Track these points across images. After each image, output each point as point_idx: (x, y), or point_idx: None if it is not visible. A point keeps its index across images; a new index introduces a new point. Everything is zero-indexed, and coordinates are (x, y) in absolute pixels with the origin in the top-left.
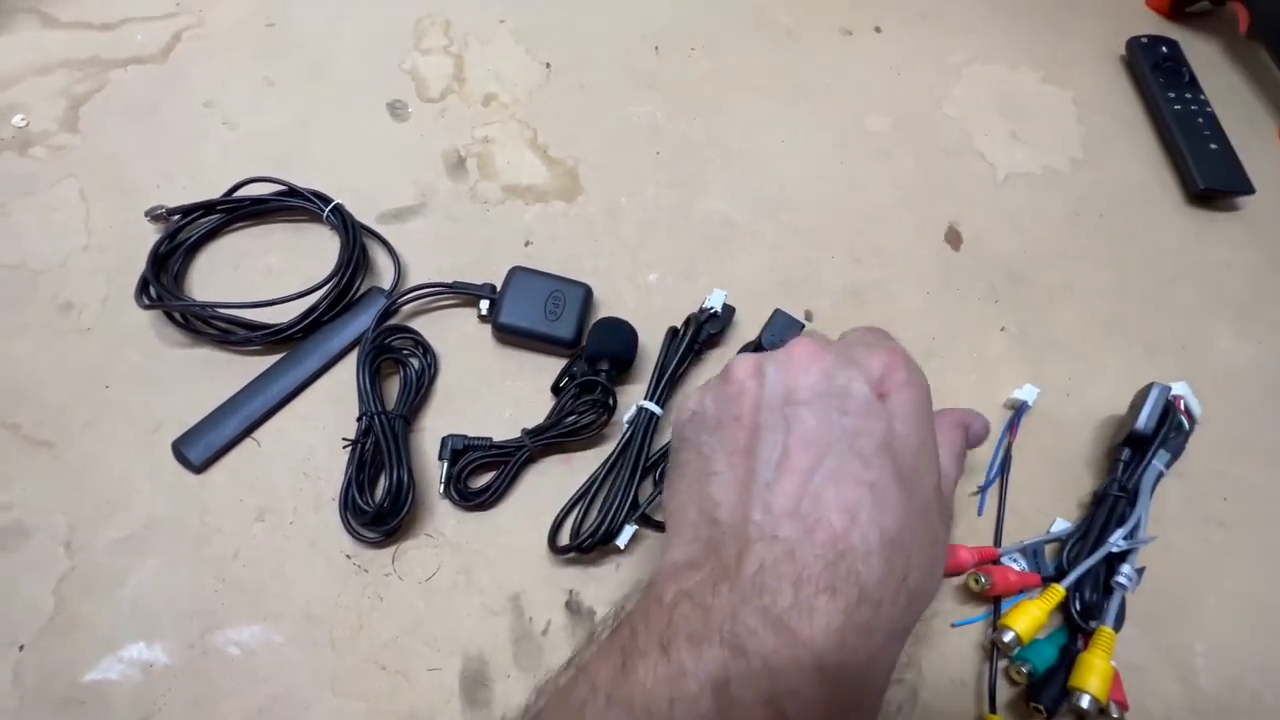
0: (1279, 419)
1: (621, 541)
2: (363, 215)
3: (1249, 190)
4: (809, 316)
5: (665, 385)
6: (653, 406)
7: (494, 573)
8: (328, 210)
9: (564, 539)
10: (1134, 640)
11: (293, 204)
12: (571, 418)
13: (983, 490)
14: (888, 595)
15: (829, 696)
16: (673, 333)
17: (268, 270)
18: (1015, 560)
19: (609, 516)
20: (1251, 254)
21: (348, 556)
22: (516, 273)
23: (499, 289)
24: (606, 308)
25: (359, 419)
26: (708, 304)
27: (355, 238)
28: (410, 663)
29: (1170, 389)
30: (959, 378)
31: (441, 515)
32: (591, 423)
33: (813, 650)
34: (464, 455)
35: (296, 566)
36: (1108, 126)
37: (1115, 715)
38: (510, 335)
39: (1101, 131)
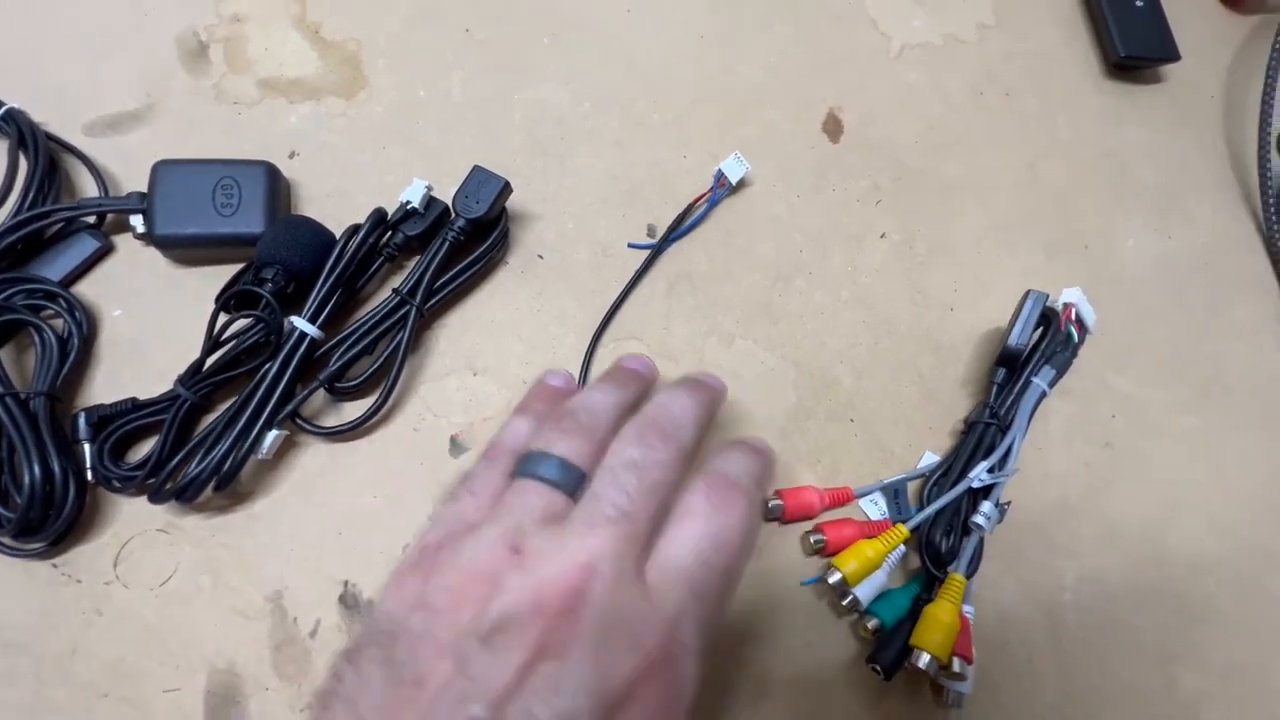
0: (1180, 323)
1: (265, 449)
2: (64, 126)
3: (1174, 57)
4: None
5: (332, 299)
6: (305, 325)
7: (249, 569)
8: None
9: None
10: (998, 577)
11: None
12: (231, 345)
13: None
14: None
15: None
16: (352, 232)
17: None
18: (875, 502)
19: (229, 457)
20: (1171, 136)
21: (54, 565)
22: (162, 168)
23: (147, 195)
24: None
25: None
26: (404, 198)
27: (39, 154)
28: (140, 686)
29: (1047, 296)
30: (828, 297)
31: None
32: (256, 348)
33: None
34: (105, 428)
35: None
36: None
37: (958, 670)
38: (182, 249)
39: None
